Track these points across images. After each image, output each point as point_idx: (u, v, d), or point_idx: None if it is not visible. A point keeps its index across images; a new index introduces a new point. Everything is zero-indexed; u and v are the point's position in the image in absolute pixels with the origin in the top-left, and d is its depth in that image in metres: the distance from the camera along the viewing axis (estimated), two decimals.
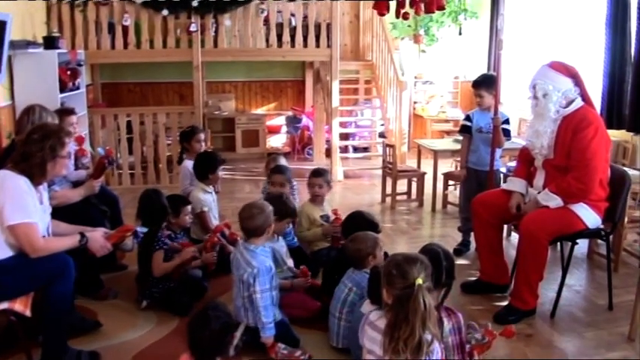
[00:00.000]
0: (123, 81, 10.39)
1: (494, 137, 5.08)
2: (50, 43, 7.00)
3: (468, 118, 5.56)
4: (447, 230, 6.27)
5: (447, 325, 3.03)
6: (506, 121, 5.33)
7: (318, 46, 8.60)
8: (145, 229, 4.03)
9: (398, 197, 7.33)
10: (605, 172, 4.09)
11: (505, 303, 4.28)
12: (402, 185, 7.46)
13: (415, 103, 11.01)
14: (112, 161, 4.96)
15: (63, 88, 6.97)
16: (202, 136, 5.87)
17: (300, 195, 5.82)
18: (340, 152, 9.81)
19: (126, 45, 8.14)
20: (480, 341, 3.12)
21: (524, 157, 4.49)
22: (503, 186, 4.58)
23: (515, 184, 4.41)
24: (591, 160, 3.93)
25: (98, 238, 3.68)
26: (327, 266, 4.52)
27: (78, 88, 7.51)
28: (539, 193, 4.18)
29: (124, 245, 4.93)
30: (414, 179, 7.36)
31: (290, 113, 10.63)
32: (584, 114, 4.05)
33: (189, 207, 4.73)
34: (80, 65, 7.57)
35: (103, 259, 4.61)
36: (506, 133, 5.31)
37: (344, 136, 10.30)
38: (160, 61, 8.63)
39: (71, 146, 4.99)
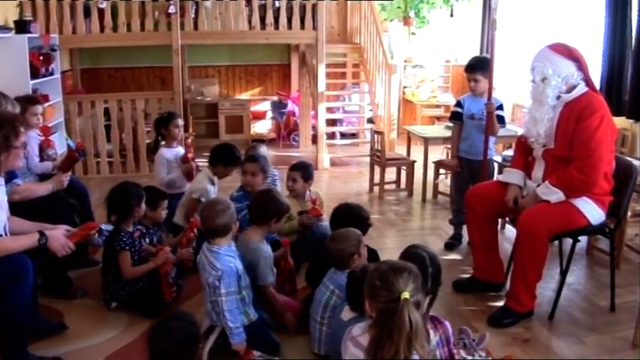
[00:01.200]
0: (103, 66, 10.06)
1: (487, 124, 4.78)
2: (21, 27, 6.73)
3: (458, 104, 5.25)
4: (437, 222, 5.96)
5: (434, 337, 2.72)
6: (500, 107, 5.03)
7: (303, 28, 8.25)
8: (110, 227, 3.72)
9: (386, 186, 7.03)
10: (611, 163, 3.78)
11: (501, 303, 3.99)
12: (390, 173, 7.16)
13: (405, 87, 10.71)
14: (83, 154, 4.65)
15: (35, 74, 6.70)
16: (180, 121, 5.57)
17: (283, 184, 5.49)
18: (327, 139, 9.52)
19: (102, 29, 7.80)
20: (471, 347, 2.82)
21: (522, 146, 4.17)
22: (499, 177, 4.26)
23: (513, 176, 4.10)
24: (595, 151, 3.61)
25: (59, 236, 3.39)
26: (311, 259, 4.24)
27: (52, 74, 7.19)
28: (538, 185, 3.87)
29: (94, 240, 4.71)
30: (404, 168, 7.04)
31: (275, 98, 10.30)
32: (588, 100, 3.73)
33: (166, 202, 4.44)
34: (54, 50, 7.26)
35: (72, 254, 4.38)
36: (501, 120, 5.00)
37: (331, 122, 10.01)
38: (139, 45, 8.27)
39: (36, 137, 4.74)
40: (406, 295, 2.22)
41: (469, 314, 4.00)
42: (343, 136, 10.29)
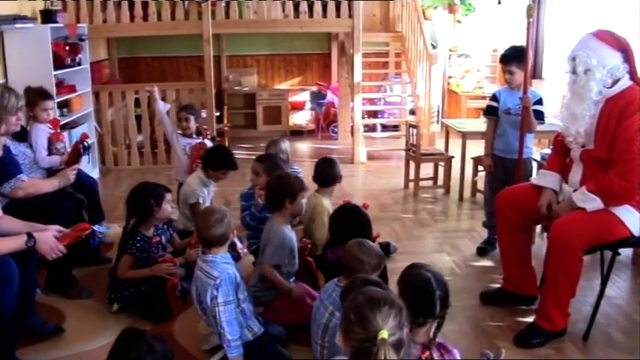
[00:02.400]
0: (140, 55, 9.96)
1: (523, 120, 4.37)
2: (47, 17, 6.58)
3: (494, 97, 4.85)
4: (473, 223, 5.55)
5: None
6: (539, 102, 4.60)
7: (338, 16, 7.94)
8: (103, 229, 3.49)
9: (423, 183, 6.67)
10: None
11: (532, 319, 3.59)
12: (427, 169, 6.78)
13: (449, 78, 10.28)
14: (88, 147, 4.45)
15: (60, 65, 6.51)
16: (183, 114, 5.37)
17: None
18: (367, 131, 9.22)
19: (132, 18, 7.64)
20: None
21: (560, 145, 3.75)
22: (533, 180, 3.86)
23: (547, 179, 3.71)
24: (638, 154, 3.20)
25: (48, 239, 3.18)
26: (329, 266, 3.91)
27: (79, 64, 7.00)
28: (574, 190, 3.47)
29: (102, 237, 4.53)
30: (441, 164, 6.65)
31: (314, 89, 9.99)
32: (632, 96, 3.30)
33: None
34: (82, 40, 7.11)
35: (84, 251, 4.21)
36: (539, 116, 4.57)
37: (372, 114, 9.69)
38: (176, 35, 8.08)
39: (45, 130, 4.57)
40: (384, 334, 1.87)
41: (494, 331, 3.64)
42: (385, 128, 9.94)
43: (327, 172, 4.59)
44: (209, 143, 5.27)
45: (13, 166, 3.90)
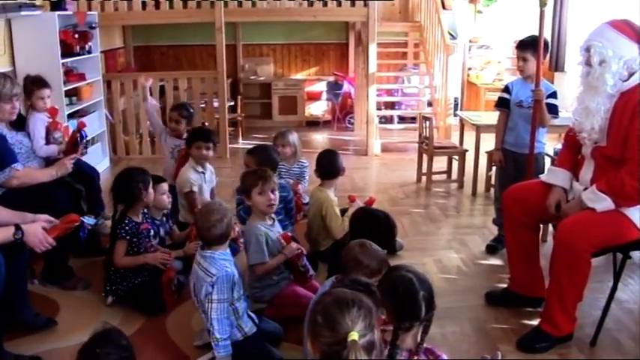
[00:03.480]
0: (155, 44, 9.89)
1: (534, 114, 4.19)
2: (55, 4, 6.50)
3: (506, 89, 4.67)
4: (485, 220, 5.36)
5: None
6: (553, 95, 4.42)
7: (353, 4, 7.78)
8: (92, 221, 3.40)
9: (436, 177, 6.50)
10: None
11: (537, 322, 3.43)
12: (441, 163, 6.61)
13: (469, 69, 10.06)
14: (85, 136, 4.36)
15: (69, 53, 6.45)
16: (174, 114, 5.19)
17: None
18: (384, 122, 9.06)
19: (144, 6, 7.57)
20: None
21: (571, 141, 3.56)
22: (542, 177, 3.68)
23: (557, 176, 3.53)
24: None
25: (37, 231, 3.10)
26: (332, 262, 3.81)
27: (90, 52, 6.94)
28: (585, 189, 3.30)
29: (100, 227, 4.44)
30: (455, 157, 6.48)
31: (331, 79, 9.84)
32: None
33: (164, 185, 4.10)
34: (93, 28, 7.02)
35: (86, 242, 4.13)
36: (552, 109, 4.39)
37: (389, 105, 9.52)
38: (192, 23, 7.99)
39: (43, 119, 4.49)
40: (354, 336, 1.74)
41: (498, 333, 3.48)
42: (402, 120, 9.77)
43: (330, 165, 4.46)
44: None
45: (7, 155, 3.84)
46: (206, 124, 5.82)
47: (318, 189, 4.51)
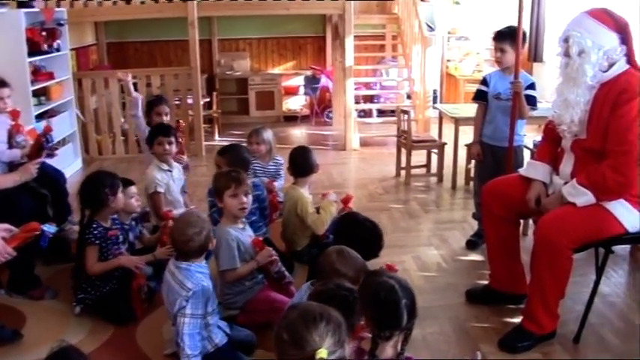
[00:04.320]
0: (129, 40, 9.67)
1: (514, 106, 4.10)
2: (22, 1, 6.31)
3: (484, 81, 4.57)
4: (465, 214, 5.26)
5: None
6: (531, 86, 4.32)
7: None
8: (53, 229, 3.25)
9: (415, 171, 6.41)
10: None
11: (519, 320, 3.33)
12: (421, 156, 6.51)
13: (448, 61, 9.97)
14: (52, 140, 4.21)
15: (37, 51, 6.26)
16: (164, 108, 5.10)
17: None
18: (363, 116, 8.95)
19: (115, 1, 7.41)
20: None
21: (551, 133, 3.47)
22: (521, 171, 3.58)
23: (536, 170, 3.43)
24: (634, 145, 2.93)
25: None
26: (312, 264, 3.65)
27: (58, 50, 6.76)
28: (565, 183, 3.20)
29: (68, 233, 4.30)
30: (434, 151, 6.38)
31: (308, 73, 9.71)
32: (627, 82, 3.01)
33: (133, 188, 3.97)
34: (61, 25, 6.82)
35: (54, 248, 3.94)
36: (531, 101, 4.29)
37: (368, 99, 9.41)
38: (166, 18, 7.81)
39: (5, 122, 4.33)
40: (322, 353, 1.63)
41: (479, 333, 3.38)
42: (381, 113, 9.65)
43: (302, 162, 4.34)
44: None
45: None
46: (181, 121, 5.67)
47: (291, 187, 4.40)
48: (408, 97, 9.09)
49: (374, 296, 2.19)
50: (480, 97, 4.55)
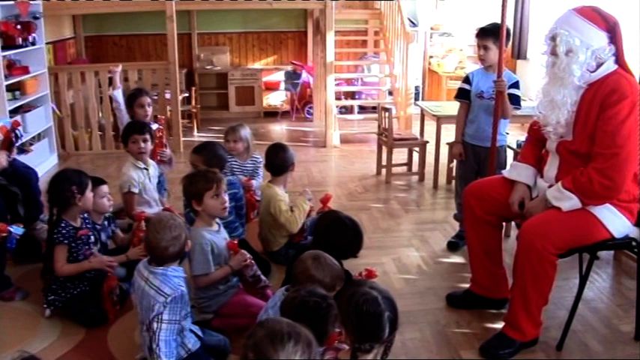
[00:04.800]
0: (108, 34, 9.49)
1: (497, 106, 4.01)
2: None
3: (467, 79, 4.48)
4: (447, 214, 5.17)
5: None
6: (515, 85, 4.24)
7: None
8: (20, 230, 3.13)
9: (397, 169, 6.31)
10: None
11: (501, 325, 3.24)
12: (402, 154, 6.42)
13: (430, 57, 9.89)
14: (21, 135, 4.08)
15: (11, 45, 6.10)
16: (146, 99, 4.97)
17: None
18: (345, 113, 8.86)
19: None
20: None
21: (535, 134, 3.39)
22: (505, 173, 3.48)
23: (520, 172, 3.34)
24: (622, 148, 2.83)
25: None
26: (288, 267, 3.54)
27: (34, 44, 6.59)
28: (550, 186, 3.11)
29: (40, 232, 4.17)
30: (416, 149, 6.28)
31: (289, 68, 9.58)
32: (616, 83, 2.92)
33: (104, 187, 3.85)
34: (37, 18, 6.65)
35: (25, 247, 3.95)
36: (515, 100, 4.21)
37: (349, 95, 9.31)
38: (145, 11, 7.68)
39: None
40: None
41: (459, 339, 3.29)
42: (363, 109, 9.56)
43: (278, 160, 4.23)
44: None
45: None
46: (159, 116, 5.52)
47: (267, 185, 4.29)
48: (390, 93, 9.00)
49: (355, 308, 2.09)
50: (462, 95, 4.45)
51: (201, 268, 3.24)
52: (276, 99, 9.90)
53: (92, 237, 3.65)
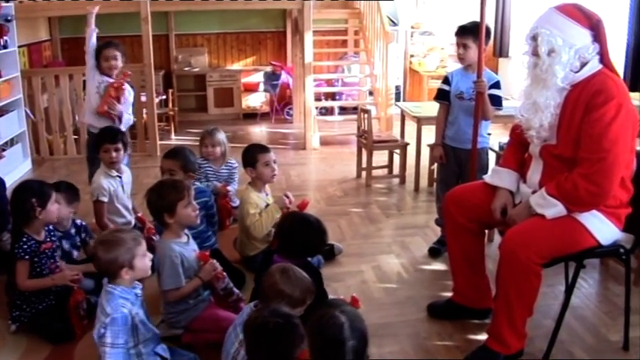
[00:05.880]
0: (84, 35, 9.18)
1: (477, 107, 3.88)
2: None
3: (446, 79, 4.35)
4: (428, 219, 5.01)
5: None
6: (496, 85, 4.12)
7: None
8: None
9: (377, 172, 6.17)
10: (630, 166, 2.86)
11: (484, 337, 3.10)
12: (383, 156, 6.28)
13: (412, 56, 9.75)
14: None
15: None
16: (112, 52, 4.81)
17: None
18: (325, 114, 8.72)
19: None
20: None
21: (518, 138, 3.25)
22: (486, 179, 3.33)
23: (502, 178, 3.20)
24: (609, 152, 2.70)
25: None
26: (258, 271, 3.39)
27: (5, 47, 6.43)
28: (533, 192, 2.98)
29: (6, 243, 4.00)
30: (396, 151, 6.15)
31: (268, 69, 9.43)
32: (602, 83, 2.78)
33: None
34: (8, 20, 6.49)
35: None
36: (496, 101, 4.09)
37: (330, 96, 9.17)
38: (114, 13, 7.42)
39: None
40: None
41: (441, 351, 3.16)
42: (343, 110, 9.42)
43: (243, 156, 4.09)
44: (129, 87, 4.79)
45: None
46: (126, 72, 5.26)
47: (244, 188, 4.14)
48: (371, 93, 8.88)
49: (319, 330, 1.99)
50: (441, 96, 4.33)
51: (172, 282, 3.09)
52: (256, 100, 9.77)
53: (58, 251, 3.51)
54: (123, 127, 4.62)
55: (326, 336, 1.98)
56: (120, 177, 4.27)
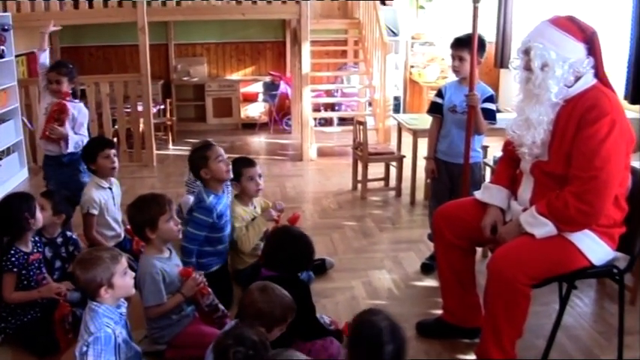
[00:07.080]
0: (84, 45, 9.29)
1: (469, 120, 3.82)
2: None
3: (439, 92, 4.30)
4: (423, 233, 4.89)
5: None
6: (489, 99, 4.06)
7: (284, 1, 7.35)
8: None
9: (373, 184, 6.11)
10: (624, 184, 2.78)
11: (474, 357, 3.04)
12: (379, 168, 6.21)
13: (412, 67, 9.70)
14: None
15: None
16: (57, 77, 4.55)
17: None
18: (324, 125, 8.67)
19: (62, 6, 7.04)
20: None
21: (510, 154, 3.18)
22: (477, 195, 3.26)
23: (493, 195, 3.13)
24: (602, 171, 2.62)
25: None
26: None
27: (2, 57, 6.44)
28: (524, 210, 2.91)
29: None
30: (393, 163, 6.08)
31: (267, 79, 9.39)
32: (595, 98, 2.71)
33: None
34: (6, 30, 6.50)
35: None
36: (489, 115, 4.03)
37: (329, 106, 9.12)
38: (112, 23, 7.47)
39: None
40: None
41: None
42: (343, 121, 9.35)
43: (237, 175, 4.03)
44: (72, 105, 4.58)
45: None
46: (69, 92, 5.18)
47: (233, 201, 4.09)
48: (370, 104, 8.82)
49: (359, 335, 2.15)
50: (434, 109, 4.27)
51: (153, 299, 3.04)
52: (255, 110, 9.73)
53: (43, 261, 3.49)
54: (70, 149, 4.50)
55: (364, 338, 2.09)
56: (110, 188, 4.21)
